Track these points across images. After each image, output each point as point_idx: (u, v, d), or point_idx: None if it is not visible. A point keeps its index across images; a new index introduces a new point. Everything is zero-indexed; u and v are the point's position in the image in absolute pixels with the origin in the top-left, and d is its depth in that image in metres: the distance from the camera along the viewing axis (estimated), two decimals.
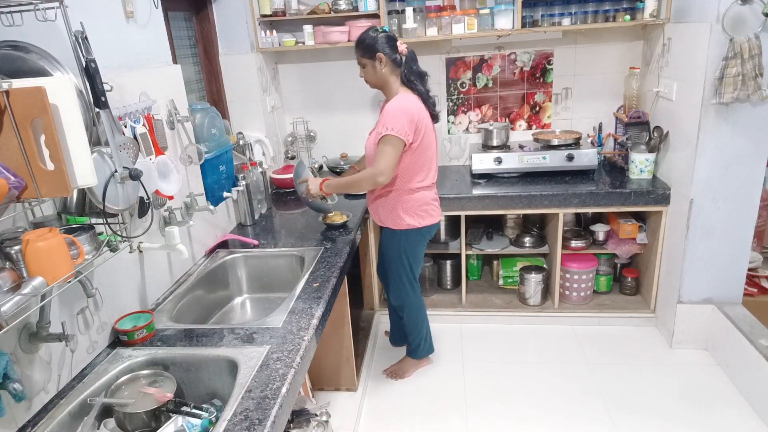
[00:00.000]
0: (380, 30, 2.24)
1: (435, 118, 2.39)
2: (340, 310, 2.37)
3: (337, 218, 2.50)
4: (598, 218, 3.21)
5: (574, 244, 3.05)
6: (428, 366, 2.80)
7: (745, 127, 2.40)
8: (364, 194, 2.73)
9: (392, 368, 2.78)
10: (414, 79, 2.28)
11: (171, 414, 1.39)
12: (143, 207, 1.70)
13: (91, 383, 1.45)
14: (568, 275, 3.07)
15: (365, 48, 2.22)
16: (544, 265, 3.22)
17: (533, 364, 2.78)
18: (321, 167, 3.44)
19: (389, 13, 2.95)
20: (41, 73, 1.23)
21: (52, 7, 1.22)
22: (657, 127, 2.84)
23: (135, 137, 1.67)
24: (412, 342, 2.72)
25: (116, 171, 1.36)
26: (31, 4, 1.20)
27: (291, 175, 3.09)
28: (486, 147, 3.17)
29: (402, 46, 2.25)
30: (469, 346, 2.97)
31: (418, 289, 2.62)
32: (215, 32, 2.92)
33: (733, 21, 2.25)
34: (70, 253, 1.19)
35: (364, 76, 2.30)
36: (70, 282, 1.24)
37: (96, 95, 1.30)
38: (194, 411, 1.38)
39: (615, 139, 3.14)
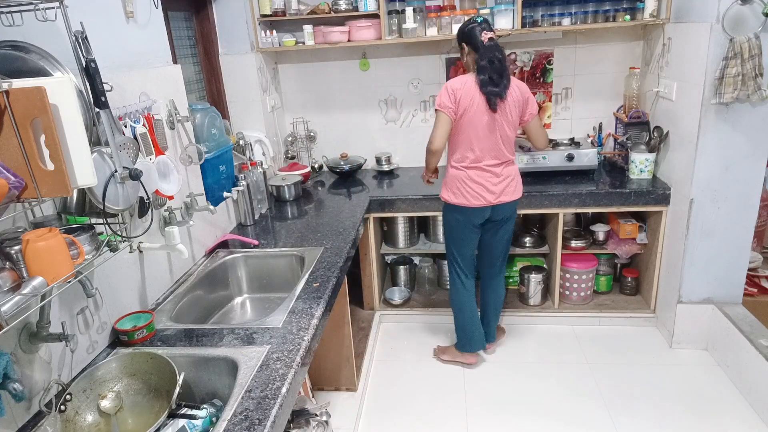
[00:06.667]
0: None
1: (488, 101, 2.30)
2: (340, 310, 2.37)
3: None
4: (598, 218, 3.20)
5: (574, 244, 3.05)
6: (470, 365, 2.78)
7: (745, 127, 2.40)
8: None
9: (441, 347, 2.89)
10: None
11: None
12: (143, 207, 1.70)
13: None
14: (568, 275, 3.07)
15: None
16: (544, 265, 3.22)
17: (533, 364, 2.78)
18: (321, 167, 3.44)
19: (389, 13, 2.95)
20: (41, 73, 1.23)
21: (52, 7, 1.22)
22: (657, 127, 2.84)
23: (135, 137, 1.67)
24: (456, 330, 2.79)
25: (116, 171, 1.36)
26: (31, 4, 1.20)
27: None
28: None
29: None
30: None
31: (463, 277, 2.67)
32: (215, 32, 2.92)
33: (733, 21, 2.25)
34: (70, 253, 1.19)
35: None
36: (70, 282, 1.24)
37: (96, 95, 1.30)
38: (189, 413, 1.37)
39: (615, 139, 3.14)
